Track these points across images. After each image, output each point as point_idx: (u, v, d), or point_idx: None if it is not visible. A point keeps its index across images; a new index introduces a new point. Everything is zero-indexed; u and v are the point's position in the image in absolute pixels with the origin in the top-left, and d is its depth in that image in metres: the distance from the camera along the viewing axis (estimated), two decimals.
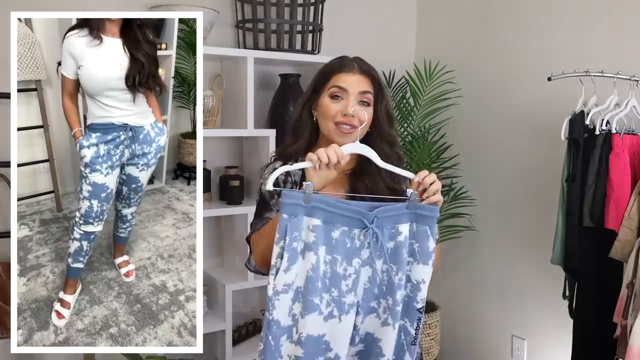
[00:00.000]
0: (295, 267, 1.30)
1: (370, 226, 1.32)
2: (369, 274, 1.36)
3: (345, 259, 1.33)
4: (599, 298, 2.12)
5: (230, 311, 2.60)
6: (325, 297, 1.32)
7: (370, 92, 1.51)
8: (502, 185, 2.93)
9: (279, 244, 1.30)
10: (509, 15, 2.86)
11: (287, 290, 1.30)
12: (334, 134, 1.48)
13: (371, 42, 3.25)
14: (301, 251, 1.31)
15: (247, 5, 2.73)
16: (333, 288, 1.32)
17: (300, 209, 1.30)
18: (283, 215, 1.30)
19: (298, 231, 1.30)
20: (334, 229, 1.32)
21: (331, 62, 1.55)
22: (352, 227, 1.33)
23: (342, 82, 1.48)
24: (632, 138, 2.09)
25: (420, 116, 2.97)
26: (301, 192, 1.30)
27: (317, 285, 1.30)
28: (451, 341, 3.21)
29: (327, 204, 1.31)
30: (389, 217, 1.34)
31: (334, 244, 1.32)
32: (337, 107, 1.47)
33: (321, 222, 1.31)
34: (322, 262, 1.31)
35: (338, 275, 1.32)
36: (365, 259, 1.35)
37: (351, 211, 1.32)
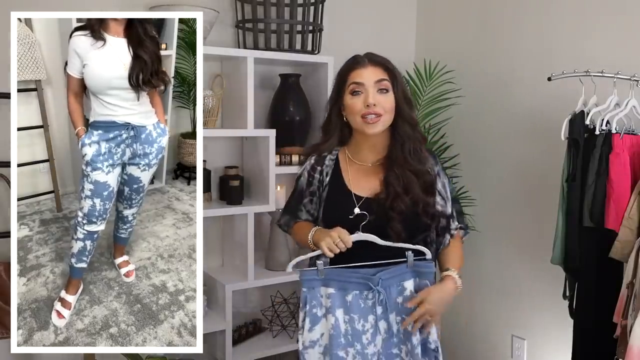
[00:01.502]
0: (319, 328, 1.59)
1: (376, 288, 1.56)
2: (384, 327, 1.61)
3: (362, 317, 1.59)
4: (599, 298, 2.12)
5: (230, 311, 2.60)
6: (350, 351, 1.58)
7: (386, 79, 1.61)
8: (502, 185, 2.93)
9: (302, 310, 1.61)
10: (509, 16, 2.86)
11: (314, 345, 1.59)
12: (363, 126, 1.60)
13: (371, 42, 3.24)
14: (323, 315, 1.59)
15: (247, 5, 2.73)
16: (356, 342, 1.58)
17: (317, 282, 1.59)
18: (303, 289, 1.60)
19: (316, 299, 1.59)
20: (347, 294, 1.58)
21: (345, 64, 1.67)
22: (363, 290, 1.59)
23: (358, 78, 1.60)
24: (632, 138, 2.09)
25: (420, 116, 2.97)
26: (314, 269, 1.58)
27: (341, 341, 1.57)
28: (451, 341, 3.21)
29: (339, 275, 1.58)
30: (394, 277, 1.59)
31: (349, 306, 1.58)
32: (359, 101, 1.59)
33: (335, 290, 1.58)
34: (341, 321, 1.58)
35: (358, 332, 1.58)
36: (379, 314, 1.59)
37: (359, 277, 1.58)
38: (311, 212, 1.73)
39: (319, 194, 1.70)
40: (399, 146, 1.63)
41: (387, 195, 1.60)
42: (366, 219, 1.59)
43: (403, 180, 1.60)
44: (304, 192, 1.73)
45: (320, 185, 1.69)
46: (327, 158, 1.70)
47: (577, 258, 2.17)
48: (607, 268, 2.08)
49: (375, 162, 1.67)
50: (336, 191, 1.67)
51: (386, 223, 1.58)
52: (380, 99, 1.59)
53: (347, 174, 1.68)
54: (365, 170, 1.68)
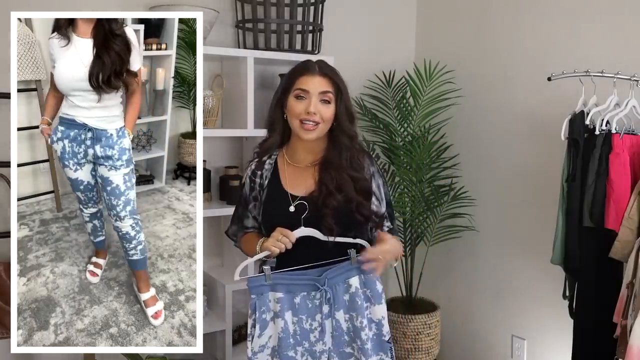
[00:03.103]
0: (267, 331, 1.63)
1: (323, 288, 1.61)
2: (332, 325, 1.65)
3: (309, 317, 1.64)
4: (599, 298, 2.12)
5: (230, 311, 2.60)
6: (299, 350, 1.64)
7: (330, 92, 1.66)
8: (502, 185, 2.93)
9: (251, 317, 1.63)
10: (508, 16, 2.86)
11: (263, 349, 1.63)
12: (299, 130, 1.65)
13: (371, 42, 3.25)
14: (271, 318, 1.63)
15: (247, 5, 2.73)
16: (304, 341, 1.64)
17: (265, 288, 1.62)
18: (252, 296, 1.62)
19: (265, 305, 1.62)
20: (295, 296, 1.63)
21: (296, 66, 1.72)
22: (310, 291, 1.63)
23: (304, 85, 1.65)
24: (632, 138, 2.09)
25: (420, 116, 2.97)
26: (262, 275, 1.61)
27: (290, 342, 1.62)
28: (451, 341, 3.21)
29: (286, 279, 1.62)
30: (339, 275, 1.64)
31: (297, 308, 1.63)
32: (301, 106, 1.64)
33: (283, 293, 1.62)
34: (290, 323, 1.62)
35: (305, 331, 1.64)
36: (326, 313, 1.63)
37: (306, 279, 1.62)
38: (257, 217, 1.77)
39: (260, 197, 1.74)
40: (337, 152, 1.69)
41: (320, 192, 1.65)
42: (304, 214, 1.64)
43: (337, 180, 1.65)
44: (247, 198, 1.76)
45: (260, 189, 1.73)
46: (267, 162, 1.75)
47: (577, 258, 2.17)
48: (607, 268, 2.08)
49: (311, 163, 1.72)
50: (273, 192, 1.71)
51: (319, 220, 1.63)
52: (322, 108, 1.64)
53: (284, 175, 1.72)
54: (301, 171, 1.72)
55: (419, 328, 2.89)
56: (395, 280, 3.10)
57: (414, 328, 2.89)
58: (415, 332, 2.89)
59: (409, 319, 2.88)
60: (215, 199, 2.80)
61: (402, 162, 2.94)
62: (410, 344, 2.89)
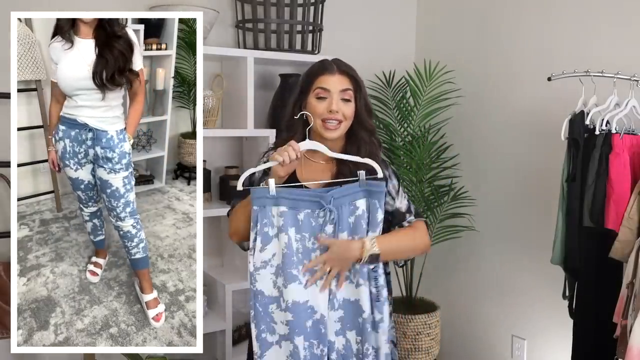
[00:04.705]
0: (270, 247, 1.59)
1: (327, 206, 1.57)
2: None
3: (312, 235, 1.60)
4: (599, 298, 2.12)
5: (230, 311, 2.60)
6: (301, 269, 1.59)
7: (350, 89, 1.68)
8: (502, 185, 2.93)
9: (253, 230, 1.59)
10: (509, 16, 2.86)
11: (266, 266, 1.59)
12: (322, 130, 1.67)
13: (371, 42, 3.25)
14: (275, 235, 1.58)
15: (247, 5, 2.73)
16: (305, 260, 1.60)
17: (268, 201, 1.57)
18: (254, 207, 1.58)
19: (267, 218, 1.58)
20: (299, 212, 1.59)
21: (313, 66, 1.73)
22: (314, 209, 1.59)
23: (324, 84, 1.66)
24: (632, 138, 2.09)
25: (420, 116, 2.97)
26: (265, 187, 1.57)
27: (293, 260, 1.57)
28: (451, 341, 3.21)
29: (290, 194, 1.58)
30: (346, 196, 1.59)
31: (301, 225, 1.59)
32: (322, 105, 1.66)
33: (287, 208, 1.57)
34: (293, 240, 1.58)
35: (307, 249, 1.60)
36: (329, 234, 1.59)
37: (311, 196, 1.58)
38: None
39: None
40: (355, 148, 1.70)
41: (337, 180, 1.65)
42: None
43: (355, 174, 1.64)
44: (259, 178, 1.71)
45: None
46: None
47: (577, 258, 2.17)
48: (607, 268, 2.08)
49: (329, 160, 1.72)
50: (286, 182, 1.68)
51: None
52: (343, 106, 1.66)
53: (300, 169, 1.71)
54: (318, 167, 1.73)
55: (419, 328, 2.89)
56: (395, 280, 3.10)
57: (414, 328, 2.89)
58: (415, 332, 2.89)
59: (409, 319, 2.88)
60: (215, 199, 2.80)
61: (402, 162, 2.94)
62: (410, 344, 2.89)
